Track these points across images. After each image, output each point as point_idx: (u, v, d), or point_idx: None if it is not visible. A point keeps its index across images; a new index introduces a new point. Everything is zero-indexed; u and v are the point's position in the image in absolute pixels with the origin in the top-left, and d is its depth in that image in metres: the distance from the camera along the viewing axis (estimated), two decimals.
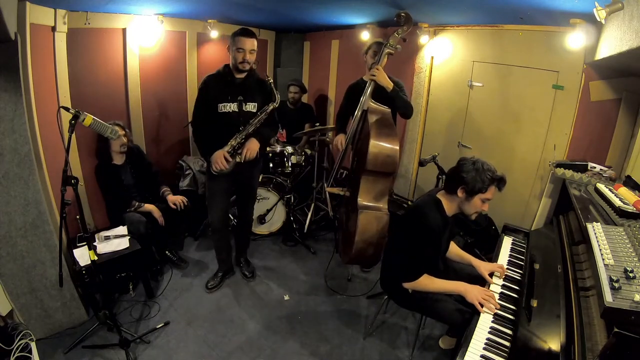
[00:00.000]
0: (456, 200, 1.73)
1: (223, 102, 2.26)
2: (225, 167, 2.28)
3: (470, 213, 1.73)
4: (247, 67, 2.25)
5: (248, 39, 2.19)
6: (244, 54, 2.19)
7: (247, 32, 2.20)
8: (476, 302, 1.63)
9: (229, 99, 2.27)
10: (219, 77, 2.30)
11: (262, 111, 2.33)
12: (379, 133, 2.26)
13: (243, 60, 2.20)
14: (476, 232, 2.84)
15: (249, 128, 2.32)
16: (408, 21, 2.29)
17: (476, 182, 1.61)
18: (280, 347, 2.25)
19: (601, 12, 1.44)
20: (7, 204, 1.84)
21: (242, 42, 2.18)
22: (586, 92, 2.44)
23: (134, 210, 2.67)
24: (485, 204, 1.69)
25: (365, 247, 2.31)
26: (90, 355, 2.06)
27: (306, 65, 4.54)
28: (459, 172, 1.66)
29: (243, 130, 2.31)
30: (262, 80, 2.38)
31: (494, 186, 1.65)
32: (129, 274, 2.44)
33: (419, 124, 3.52)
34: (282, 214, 3.36)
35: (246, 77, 2.30)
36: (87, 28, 2.66)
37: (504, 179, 1.65)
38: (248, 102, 2.31)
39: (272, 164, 3.42)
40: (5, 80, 1.71)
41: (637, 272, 1.10)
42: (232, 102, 2.27)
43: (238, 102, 2.28)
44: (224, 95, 2.26)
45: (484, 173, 1.61)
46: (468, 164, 1.65)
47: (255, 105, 2.33)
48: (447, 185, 1.77)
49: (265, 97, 2.36)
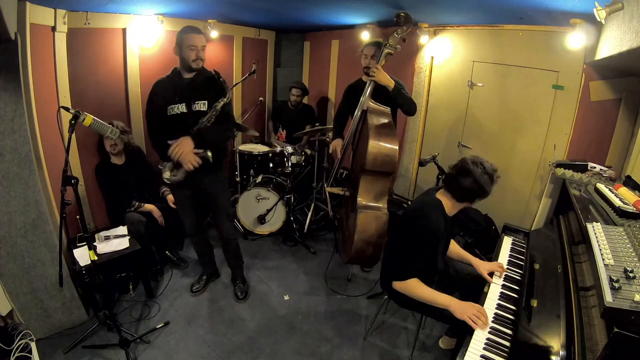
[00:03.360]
0: (462, 203, 1.76)
1: (171, 104, 2.14)
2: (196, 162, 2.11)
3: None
4: (201, 65, 2.14)
5: (198, 36, 2.08)
6: (196, 51, 2.08)
7: (195, 29, 2.10)
8: (465, 317, 1.55)
9: (177, 100, 2.14)
10: (166, 80, 2.20)
11: (211, 108, 2.15)
12: (378, 133, 2.26)
13: (197, 58, 2.09)
14: (476, 232, 2.84)
15: (198, 127, 2.14)
16: (408, 21, 2.29)
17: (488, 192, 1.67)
18: (280, 347, 2.25)
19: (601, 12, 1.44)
20: (7, 204, 1.84)
21: (193, 39, 2.06)
22: (586, 92, 2.44)
23: (134, 210, 2.67)
24: None
25: (364, 247, 2.31)
26: (90, 355, 2.06)
27: (306, 65, 4.54)
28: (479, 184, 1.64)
29: (193, 130, 2.13)
30: (212, 76, 2.18)
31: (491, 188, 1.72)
32: (129, 274, 2.44)
33: (419, 124, 3.52)
34: (282, 214, 3.36)
35: (195, 75, 2.17)
36: (87, 28, 2.66)
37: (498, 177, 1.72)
38: (197, 100, 2.16)
39: (272, 164, 3.42)
40: (5, 80, 1.71)
41: (637, 272, 1.10)
42: (180, 103, 2.14)
43: (186, 102, 2.15)
44: (172, 97, 2.14)
45: (494, 182, 1.67)
46: (479, 171, 1.64)
47: (205, 104, 2.16)
48: (454, 191, 1.73)
49: (215, 93, 2.17)
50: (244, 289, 2.69)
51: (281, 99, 4.35)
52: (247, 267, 2.87)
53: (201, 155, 2.14)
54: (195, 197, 2.42)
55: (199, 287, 2.68)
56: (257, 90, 4.16)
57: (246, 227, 3.42)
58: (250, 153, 3.48)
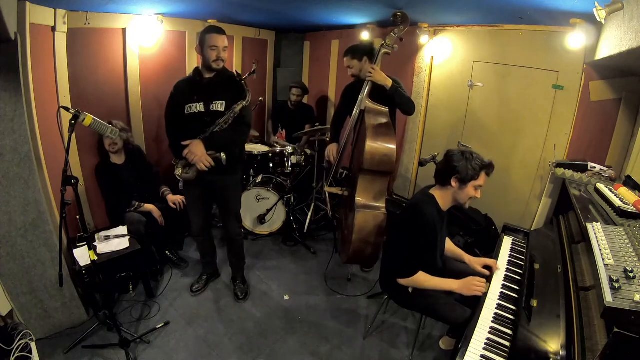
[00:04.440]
0: (450, 191, 1.78)
1: (189, 103, 2.15)
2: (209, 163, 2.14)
3: (464, 202, 1.78)
4: (222, 65, 2.15)
5: (220, 36, 2.10)
6: (217, 52, 2.09)
7: (218, 30, 2.11)
8: (472, 293, 1.72)
9: (195, 99, 2.15)
10: (188, 79, 2.24)
11: (230, 110, 2.15)
12: (375, 133, 2.26)
13: (217, 58, 2.10)
14: (476, 232, 2.84)
15: (214, 129, 2.16)
16: (405, 21, 2.29)
17: (468, 170, 1.68)
18: (280, 347, 2.25)
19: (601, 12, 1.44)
20: (7, 204, 1.84)
21: (215, 39, 2.08)
22: (586, 92, 2.44)
23: (134, 210, 2.67)
24: (478, 190, 1.75)
25: (363, 247, 2.31)
26: (90, 355, 2.06)
27: (306, 66, 4.54)
28: (450, 162, 1.72)
29: (207, 132, 2.15)
30: (233, 77, 2.21)
31: (484, 172, 1.72)
32: (129, 274, 2.44)
33: (419, 124, 3.52)
34: (282, 214, 3.36)
35: (215, 75, 2.17)
36: (87, 28, 2.66)
37: (492, 164, 1.73)
38: (215, 100, 2.16)
39: (272, 164, 3.42)
40: (5, 80, 1.71)
41: (637, 272, 1.10)
42: (199, 102, 2.15)
43: (205, 102, 2.15)
44: (191, 96, 2.16)
45: (474, 161, 1.69)
46: (457, 154, 1.73)
47: (223, 104, 2.16)
48: (439, 179, 1.82)
49: (235, 95, 2.18)
50: (244, 289, 2.69)
51: (281, 99, 4.35)
52: (247, 267, 2.87)
53: (214, 156, 2.16)
54: (205, 197, 2.44)
55: (199, 287, 2.68)
56: (257, 90, 4.15)
57: (246, 227, 3.42)
58: (250, 153, 3.48)
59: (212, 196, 2.47)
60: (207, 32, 2.11)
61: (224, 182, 2.35)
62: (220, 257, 2.88)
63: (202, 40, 2.11)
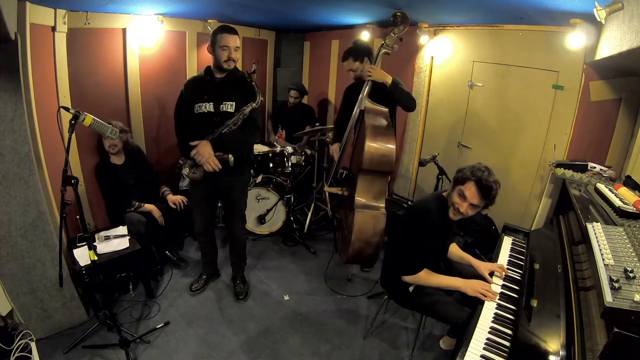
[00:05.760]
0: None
1: (199, 103, 2.14)
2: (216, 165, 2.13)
3: (449, 205, 1.74)
4: (233, 66, 2.13)
5: (232, 36, 2.07)
6: (228, 52, 2.07)
7: (230, 29, 2.09)
8: (477, 294, 1.70)
9: (205, 99, 2.14)
10: (198, 78, 2.22)
11: (239, 112, 2.13)
12: (375, 133, 2.26)
13: (228, 59, 2.08)
14: (476, 232, 2.84)
15: (222, 130, 2.13)
16: (404, 21, 2.29)
17: (462, 172, 1.69)
18: (280, 347, 2.25)
19: (601, 12, 1.44)
20: (7, 204, 1.84)
21: (226, 39, 2.06)
22: (586, 92, 2.44)
23: (134, 210, 2.67)
24: (463, 201, 1.67)
25: (362, 247, 2.31)
26: (90, 355, 2.06)
27: (306, 66, 4.54)
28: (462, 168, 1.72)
29: (216, 133, 2.13)
30: (244, 78, 2.17)
31: (472, 184, 1.63)
32: (129, 274, 2.44)
33: (419, 124, 3.52)
34: (282, 214, 3.36)
35: (226, 75, 2.16)
36: (87, 28, 2.66)
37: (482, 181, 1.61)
38: (225, 101, 2.14)
39: (272, 164, 3.42)
40: (5, 80, 1.71)
41: (637, 272, 1.10)
42: (209, 102, 2.14)
43: (214, 102, 2.14)
44: (201, 95, 2.15)
45: (474, 170, 1.65)
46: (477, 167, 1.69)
47: (232, 105, 2.14)
48: None
49: (245, 96, 2.14)
50: (244, 289, 2.69)
51: (281, 99, 4.34)
52: (248, 267, 2.86)
53: (222, 157, 2.15)
54: (210, 197, 2.44)
55: (199, 287, 2.68)
56: None
57: (246, 227, 3.42)
58: None
59: (219, 196, 2.47)
60: (219, 31, 2.08)
61: (231, 183, 2.35)
62: (221, 257, 2.88)
63: (214, 40, 2.09)
